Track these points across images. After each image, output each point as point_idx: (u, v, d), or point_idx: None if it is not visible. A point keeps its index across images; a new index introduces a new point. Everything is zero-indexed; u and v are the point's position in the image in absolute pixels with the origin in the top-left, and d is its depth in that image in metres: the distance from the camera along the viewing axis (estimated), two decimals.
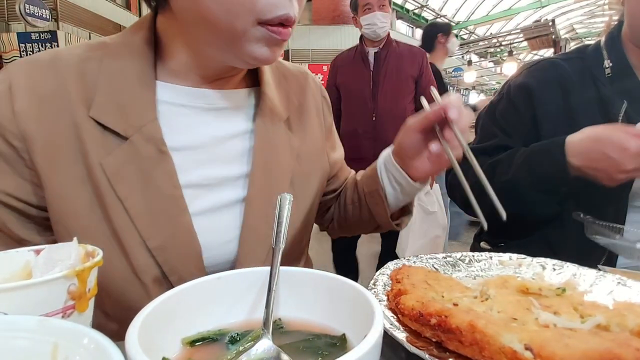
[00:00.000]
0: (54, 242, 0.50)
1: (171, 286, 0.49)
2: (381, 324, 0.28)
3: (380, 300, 0.44)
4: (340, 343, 0.33)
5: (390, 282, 0.47)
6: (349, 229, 0.75)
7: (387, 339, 0.37)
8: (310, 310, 0.37)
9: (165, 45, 0.53)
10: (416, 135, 0.56)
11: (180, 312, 0.34)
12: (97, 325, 0.52)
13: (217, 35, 0.48)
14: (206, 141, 0.55)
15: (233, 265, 0.55)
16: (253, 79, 0.62)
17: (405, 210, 0.69)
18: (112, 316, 0.52)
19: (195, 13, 0.47)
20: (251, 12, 0.45)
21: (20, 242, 0.50)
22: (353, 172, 0.78)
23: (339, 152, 0.74)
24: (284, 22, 0.47)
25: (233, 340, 0.34)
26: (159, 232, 0.49)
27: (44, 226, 0.51)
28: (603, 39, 0.86)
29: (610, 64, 0.82)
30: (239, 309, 0.38)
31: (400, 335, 0.37)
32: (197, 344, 0.33)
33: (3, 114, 0.47)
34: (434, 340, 0.36)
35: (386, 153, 0.64)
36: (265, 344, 0.31)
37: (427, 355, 0.33)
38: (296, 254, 0.66)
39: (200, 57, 0.53)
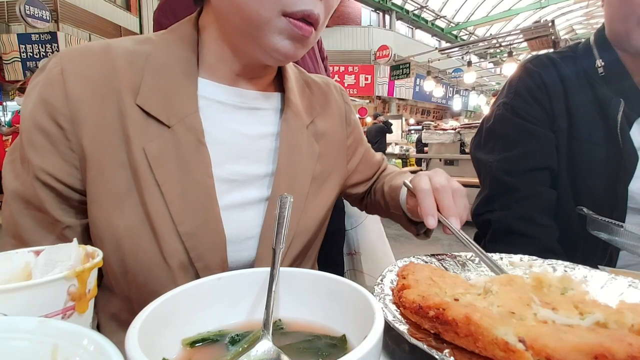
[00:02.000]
0: (87, 226, 0.53)
1: (196, 273, 0.51)
2: (381, 325, 0.28)
3: (385, 295, 0.45)
4: (341, 344, 0.33)
5: (397, 278, 0.48)
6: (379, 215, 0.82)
7: (391, 332, 0.38)
8: (311, 311, 0.37)
9: (204, 40, 0.56)
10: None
11: (181, 313, 0.34)
12: (115, 311, 0.55)
13: (244, 23, 0.51)
14: (237, 138, 0.57)
15: (253, 261, 0.57)
16: (280, 86, 0.65)
17: None
18: (134, 300, 0.53)
19: (227, 1, 0.50)
20: (277, 2, 0.48)
21: (55, 223, 0.51)
22: (384, 160, 0.83)
23: (363, 148, 0.78)
24: (307, 18, 0.50)
25: (233, 341, 0.34)
26: (190, 218, 0.50)
27: (80, 209, 0.53)
28: (592, 37, 0.85)
29: (603, 64, 0.81)
30: (239, 310, 0.38)
31: (402, 327, 0.37)
32: (197, 344, 0.33)
33: (56, 96, 0.49)
34: (432, 332, 0.37)
35: (402, 199, 0.67)
36: (266, 345, 0.31)
37: (425, 346, 0.34)
38: (311, 253, 0.67)
39: (232, 49, 0.55)
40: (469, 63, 9.22)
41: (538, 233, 0.79)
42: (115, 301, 0.55)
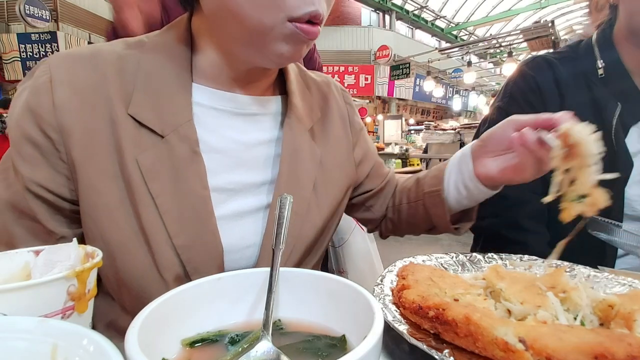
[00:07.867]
0: (82, 235, 0.51)
1: None
2: (381, 325, 0.28)
3: (385, 295, 0.45)
4: (340, 344, 0.33)
5: (397, 278, 0.48)
6: (401, 229, 0.75)
7: (391, 332, 0.38)
8: (310, 311, 0.37)
9: (198, 45, 0.54)
10: (512, 131, 0.54)
11: (180, 313, 0.34)
12: (112, 320, 0.54)
13: (245, 31, 0.48)
14: (234, 146, 0.55)
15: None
16: (280, 88, 0.63)
17: (467, 216, 0.67)
18: (130, 311, 0.52)
19: (224, 10, 0.47)
20: (281, 9, 0.45)
21: (49, 234, 0.50)
22: (391, 170, 0.78)
23: (370, 154, 0.74)
24: (313, 19, 0.47)
25: (233, 341, 0.34)
26: (185, 230, 0.49)
27: (73, 219, 0.52)
28: (594, 36, 0.84)
29: (603, 64, 0.79)
30: (239, 310, 0.38)
31: (402, 327, 0.38)
32: (196, 345, 0.33)
33: (43, 106, 0.47)
34: (432, 332, 0.38)
35: (462, 151, 0.62)
36: (265, 346, 0.31)
37: (425, 346, 0.34)
38: (312, 260, 0.65)
39: (229, 56, 0.53)
40: (469, 63, 9.23)
41: (527, 239, 0.79)
42: (116, 307, 0.54)
